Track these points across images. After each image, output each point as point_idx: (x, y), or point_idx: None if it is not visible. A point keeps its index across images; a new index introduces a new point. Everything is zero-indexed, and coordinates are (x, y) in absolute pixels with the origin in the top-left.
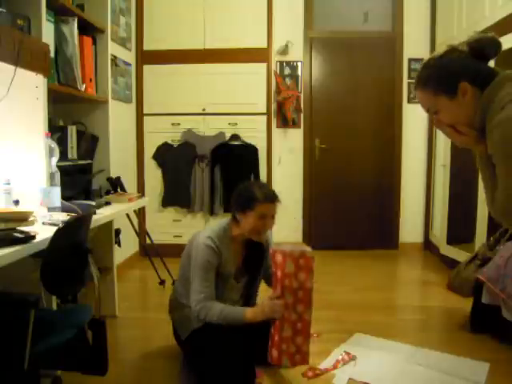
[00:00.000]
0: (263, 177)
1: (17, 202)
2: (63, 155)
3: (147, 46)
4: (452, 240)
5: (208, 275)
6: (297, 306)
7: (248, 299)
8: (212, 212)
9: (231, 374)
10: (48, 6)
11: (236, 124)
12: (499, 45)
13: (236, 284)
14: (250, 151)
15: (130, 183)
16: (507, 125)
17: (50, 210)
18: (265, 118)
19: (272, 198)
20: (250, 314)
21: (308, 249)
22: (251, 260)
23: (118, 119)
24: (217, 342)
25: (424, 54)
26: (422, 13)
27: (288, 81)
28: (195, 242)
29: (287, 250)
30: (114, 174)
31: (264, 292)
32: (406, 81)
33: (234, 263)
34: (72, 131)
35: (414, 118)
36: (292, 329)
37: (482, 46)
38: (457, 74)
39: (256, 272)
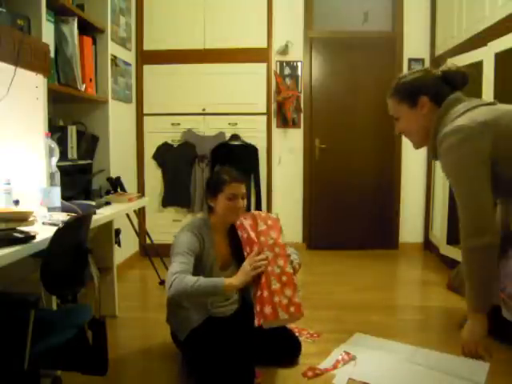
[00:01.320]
0: (263, 177)
1: (17, 202)
2: (63, 155)
3: (147, 46)
4: (452, 240)
5: (188, 255)
6: (277, 260)
7: (243, 290)
8: None
9: (231, 373)
10: (48, 6)
11: (236, 124)
12: (466, 80)
13: (222, 273)
14: (250, 151)
15: (130, 183)
16: (450, 137)
17: (50, 209)
18: (265, 117)
19: (238, 179)
20: (228, 280)
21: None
22: (236, 247)
23: (118, 119)
24: (216, 341)
25: (424, 53)
26: (422, 13)
27: (288, 81)
28: (178, 236)
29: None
30: (114, 174)
31: None
32: None
33: (218, 252)
34: (72, 131)
35: None
36: (279, 282)
37: (451, 77)
38: (420, 88)
39: (243, 258)
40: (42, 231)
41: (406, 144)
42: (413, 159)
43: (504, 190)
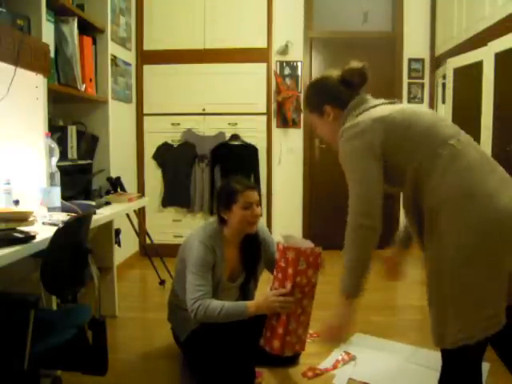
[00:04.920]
0: (263, 177)
1: (17, 202)
2: (63, 155)
3: (147, 45)
4: None
5: (204, 273)
6: (303, 300)
7: (245, 299)
8: (212, 212)
9: (231, 374)
10: (48, 6)
11: (236, 124)
12: (364, 75)
13: (230, 285)
14: (250, 151)
15: (130, 183)
16: (347, 131)
17: (50, 209)
18: (265, 118)
19: (251, 186)
20: (253, 308)
21: (311, 244)
22: (249, 259)
23: (118, 119)
24: (216, 342)
25: (424, 53)
26: (422, 13)
27: (288, 81)
28: (188, 244)
29: (299, 246)
30: (114, 174)
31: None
32: (406, 81)
33: (228, 264)
34: (72, 131)
35: None
36: (296, 322)
37: (348, 78)
38: (322, 98)
39: (254, 270)
40: (42, 231)
41: None
42: None
43: (395, 180)
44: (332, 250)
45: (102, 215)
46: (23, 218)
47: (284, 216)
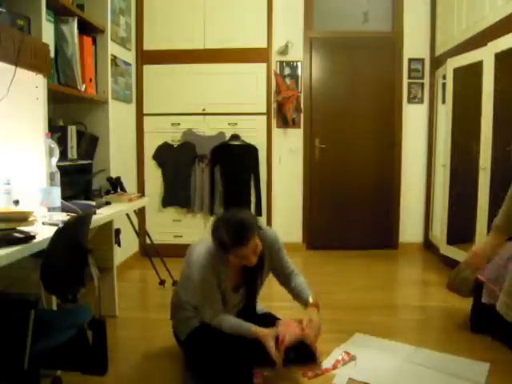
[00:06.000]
0: (263, 177)
1: (17, 202)
2: (63, 155)
3: (147, 45)
4: (452, 240)
5: (210, 293)
6: None
7: (248, 301)
8: (212, 212)
9: (230, 374)
10: (48, 6)
11: (236, 124)
12: None
13: (234, 294)
14: (250, 151)
15: (130, 183)
16: None
17: (50, 210)
18: (265, 118)
19: (242, 241)
20: (261, 333)
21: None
22: (249, 274)
23: (118, 119)
24: (216, 342)
25: (424, 54)
26: (422, 13)
27: (288, 81)
28: (192, 257)
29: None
30: (114, 174)
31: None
32: (405, 81)
33: (232, 278)
34: (72, 131)
35: (414, 118)
36: None
37: None
38: None
39: (254, 284)
40: (42, 231)
41: (406, 144)
42: (413, 159)
43: None
44: (332, 250)
45: (101, 215)
46: (23, 218)
47: (284, 216)
